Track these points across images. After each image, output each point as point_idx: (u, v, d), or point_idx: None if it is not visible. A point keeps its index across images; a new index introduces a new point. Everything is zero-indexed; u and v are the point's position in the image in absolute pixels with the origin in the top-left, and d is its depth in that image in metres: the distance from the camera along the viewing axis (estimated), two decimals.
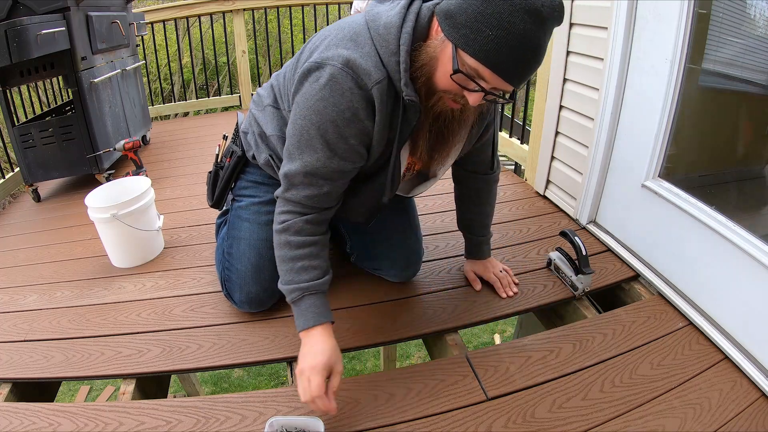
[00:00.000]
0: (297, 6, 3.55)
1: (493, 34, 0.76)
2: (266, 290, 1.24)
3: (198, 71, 8.27)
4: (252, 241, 1.24)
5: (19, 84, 2.00)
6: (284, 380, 4.14)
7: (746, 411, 0.96)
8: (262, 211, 1.25)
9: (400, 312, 1.27)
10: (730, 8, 1.22)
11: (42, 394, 1.18)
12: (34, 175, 2.12)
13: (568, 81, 1.65)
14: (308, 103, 0.91)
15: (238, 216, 1.28)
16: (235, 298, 1.26)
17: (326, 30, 0.99)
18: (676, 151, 1.32)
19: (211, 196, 1.38)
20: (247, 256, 1.23)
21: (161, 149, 2.80)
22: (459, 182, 1.31)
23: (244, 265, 1.23)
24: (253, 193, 1.28)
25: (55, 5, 1.88)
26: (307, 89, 0.91)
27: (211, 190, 1.37)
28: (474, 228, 1.34)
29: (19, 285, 1.50)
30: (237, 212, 1.29)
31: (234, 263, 1.25)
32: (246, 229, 1.25)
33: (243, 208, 1.28)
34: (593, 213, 1.61)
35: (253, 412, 0.99)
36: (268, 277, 1.21)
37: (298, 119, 0.93)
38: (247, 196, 1.28)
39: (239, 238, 1.25)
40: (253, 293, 1.23)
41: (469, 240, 1.37)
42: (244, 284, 1.23)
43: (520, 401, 1.00)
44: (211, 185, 1.37)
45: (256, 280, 1.22)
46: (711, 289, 1.17)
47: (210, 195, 1.38)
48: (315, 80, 0.90)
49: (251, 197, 1.28)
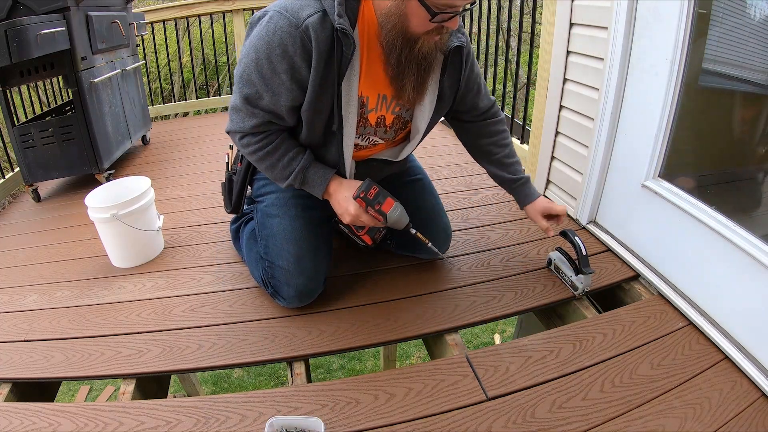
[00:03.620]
0: None
1: None
2: (312, 279, 1.25)
3: (198, 71, 8.26)
4: (287, 234, 1.25)
5: (19, 84, 2.00)
6: (284, 380, 4.14)
7: (746, 411, 0.96)
8: (290, 204, 1.27)
9: (400, 312, 1.27)
10: (730, 8, 1.22)
11: (42, 394, 1.18)
12: (34, 175, 2.12)
13: (568, 81, 1.65)
14: (251, 43, 1.02)
15: (266, 215, 1.29)
16: (283, 294, 1.26)
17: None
18: (675, 150, 1.32)
19: (229, 203, 1.40)
20: (286, 250, 1.24)
21: (161, 149, 2.80)
22: (469, 134, 1.36)
23: (285, 259, 1.24)
24: (275, 189, 1.30)
25: (55, 5, 1.88)
26: (254, 32, 1.03)
27: (228, 197, 1.40)
28: (506, 171, 1.35)
29: (19, 285, 1.50)
30: (264, 211, 1.30)
31: (275, 261, 1.25)
32: (278, 225, 1.26)
33: (269, 206, 1.29)
34: (593, 213, 1.61)
35: (253, 412, 0.99)
36: (311, 265, 1.24)
37: (242, 58, 1.05)
38: (269, 193, 1.31)
39: (273, 235, 1.26)
40: (301, 285, 1.24)
41: (511, 189, 1.37)
42: (290, 278, 1.23)
43: (520, 401, 1.00)
44: (227, 192, 1.40)
45: (300, 271, 1.23)
46: (711, 289, 1.17)
47: (228, 202, 1.41)
48: (259, 24, 1.02)
49: (274, 193, 1.30)
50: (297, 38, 0.98)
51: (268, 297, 1.33)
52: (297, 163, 1.15)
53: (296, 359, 1.15)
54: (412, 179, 1.44)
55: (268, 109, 1.07)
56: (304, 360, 1.16)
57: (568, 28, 1.60)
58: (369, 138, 1.21)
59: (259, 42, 1.00)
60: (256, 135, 1.12)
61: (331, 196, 1.19)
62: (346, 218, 1.17)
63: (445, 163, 2.24)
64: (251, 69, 1.03)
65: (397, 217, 1.17)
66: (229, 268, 1.50)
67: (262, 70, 1.02)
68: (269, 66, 1.01)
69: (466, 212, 1.78)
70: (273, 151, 1.13)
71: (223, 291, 1.39)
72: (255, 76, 1.03)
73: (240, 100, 1.08)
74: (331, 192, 1.18)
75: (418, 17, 0.94)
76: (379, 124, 1.19)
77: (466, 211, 1.79)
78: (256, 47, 1.01)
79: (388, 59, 1.04)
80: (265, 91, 1.04)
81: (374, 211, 1.16)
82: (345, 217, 1.17)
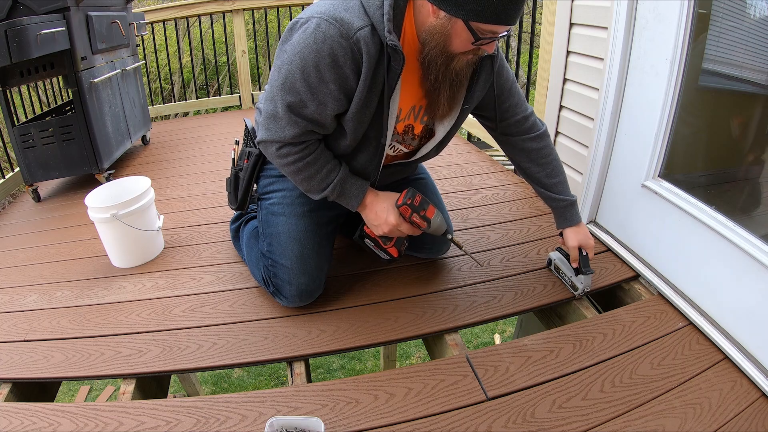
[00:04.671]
0: (297, 6, 3.54)
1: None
2: (314, 279, 1.26)
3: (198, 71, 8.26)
4: (292, 233, 1.25)
5: (19, 84, 2.00)
6: (284, 380, 4.14)
7: (746, 411, 0.96)
8: (296, 202, 1.27)
9: (400, 312, 1.27)
10: (730, 8, 1.22)
11: (42, 394, 1.18)
12: (34, 175, 2.12)
13: (568, 81, 1.65)
14: (295, 49, 0.99)
15: (271, 213, 1.29)
16: (285, 293, 1.26)
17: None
18: (675, 151, 1.32)
19: (234, 200, 1.39)
20: (290, 249, 1.24)
21: (161, 149, 2.80)
22: (516, 150, 1.32)
23: (289, 258, 1.24)
24: (281, 187, 1.29)
25: (55, 5, 1.88)
26: (296, 38, 1.00)
27: (233, 193, 1.39)
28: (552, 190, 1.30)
29: (19, 285, 1.50)
30: (269, 209, 1.30)
31: (277, 259, 1.26)
32: (283, 223, 1.26)
33: (275, 204, 1.29)
34: (593, 213, 1.61)
35: (253, 412, 0.99)
36: (314, 265, 1.25)
37: (284, 64, 1.01)
38: (276, 191, 1.30)
39: (278, 234, 1.26)
40: (303, 284, 1.24)
41: (555, 207, 1.32)
42: (293, 277, 1.24)
43: (520, 401, 1.00)
44: (233, 189, 1.38)
45: (302, 270, 1.24)
46: (711, 289, 1.17)
47: (233, 199, 1.39)
48: (303, 30, 0.99)
49: (280, 191, 1.29)
50: (348, 49, 0.97)
51: (268, 297, 1.33)
52: (335, 175, 1.13)
53: (296, 359, 1.15)
54: (415, 178, 1.45)
55: (311, 117, 1.05)
56: (304, 360, 1.16)
57: (568, 28, 1.60)
58: (395, 145, 1.22)
59: (305, 50, 0.98)
60: (296, 145, 1.09)
61: (367, 207, 1.18)
62: (384, 228, 1.16)
63: (445, 163, 2.24)
64: (296, 77, 1.00)
65: (439, 223, 1.17)
66: (229, 268, 1.50)
67: (309, 78, 1.00)
68: (317, 75, 0.99)
69: (466, 212, 1.78)
70: (312, 162, 1.12)
71: (223, 291, 1.39)
72: (300, 84, 1.01)
73: (282, 108, 1.05)
74: (368, 204, 1.18)
75: (460, 39, 0.96)
76: (407, 133, 1.20)
77: (466, 211, 1.79)
78: (302, 55, 0.98)
79: (426, 74, 1.05)
80: (310, 100, 1.02)
81: (419, 218, 1.15)
82: (382, 228, 1.16)
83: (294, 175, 1.14)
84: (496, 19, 0.92)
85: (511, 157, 1.35)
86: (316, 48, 0.97)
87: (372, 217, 1.18)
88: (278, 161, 1.13)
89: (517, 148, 1.31)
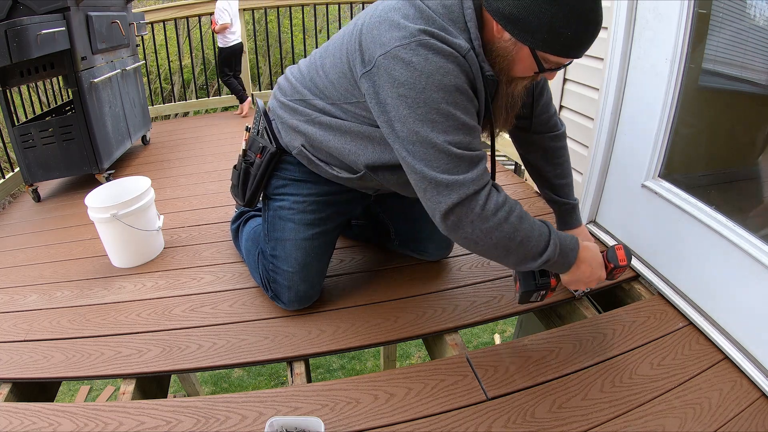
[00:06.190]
0: (297, 6, 3.55)
1: (572, 32, 0.84)
2: (314, 286, 1.26)
3: (198, 71, 8.27)
4: (297, 241, 1.23)
5: (19, 84, 2.00)
6: (284, 380, 4.14)
7: (746, 411, 0.96)
8: (307, 210, 1.23)
9: (400, 312, 1.27)
10: (730, 8, 1.22)
11: (42, 394, 1.18)
12: (34, 175, 2.12)
13: (568, 81, 1.65)
14: (419, 84, 0.86)
15: (279, 216, 1.24)
16: (283, 298, 1.26)
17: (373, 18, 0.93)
18: (675, 151, 1.32)
19: (242, 196, 1.29)
20: (294, 257, 1.22)
21: (161, 149, 2.81)
22: (533, 147, 1.28)
23: (291, 265, 1.22)
24: (295, 191, 1.23)
25: (55, 5, 1.88)
26: (414, 70, 0.86)
27: (241, 189, 1.29)
28: (558, 192, 1.29)
29: (19, 285, 1.50)
30: (278, 212, 1.24)
31: (280, 265, 1.24)
32: (290, 230, 1.23)
33: (285, 208, 1.23)
34: (593, 213, 1.61)
35: (253, 412, 0.99)
36: (315, 273, 1.25)
37: (419, 105, 0.87)
38: (289, 195, 1.23)
39: (283, 239, 1.23)
40: (302, 291, 1.24)
41: (557, 210, 1.32)
42: (293, 284, 1.23)
43: (520, 401, 1.00)
44: (241, 183, 1.28)
45: (303, 278, 1.23)
46: (711, 289, 1.17)
47: (240, 194, 1.30)
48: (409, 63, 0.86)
49: (293, 195, 1.23)
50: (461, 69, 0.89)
51: (268, 297, 1.33)
52: (546, 227, 0.96)
53: (296, 359, 1.15)
54: None
55: (481, 150, 0.93)
56: (304, 360, 1.16)
57: None
58: None
59: (435, 77, 0.86)
60: (499, 190, 0.94)
61: (582, 263, 1.00)
62: (593, 284, 1.05)
63: None
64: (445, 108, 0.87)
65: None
66: (229, 268, 1.50)
67: (458, 102, 0.89)
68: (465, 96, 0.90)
69: None
70: (524, 215, 0.93)
71: (223, 291, 1.39)
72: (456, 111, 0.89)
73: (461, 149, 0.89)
74: (582, 258, 1.00)
75: (523, 65, 0.93)
76: None
77: None
78: (435, 83, 0.86)
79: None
80: (472, 135, 0.91)
81: (620, 269, 1.09)
82: (590, 284, 1.05)
83: (508, 240, 0.91)
84: (566, 52, 0.87)
85: (524, 155, 1.32)
86: (445, 70, 0.87)
87: (584, 272, 1.01)
88: (487, 224, 0.90)
89: (536, 145, 1.27)
